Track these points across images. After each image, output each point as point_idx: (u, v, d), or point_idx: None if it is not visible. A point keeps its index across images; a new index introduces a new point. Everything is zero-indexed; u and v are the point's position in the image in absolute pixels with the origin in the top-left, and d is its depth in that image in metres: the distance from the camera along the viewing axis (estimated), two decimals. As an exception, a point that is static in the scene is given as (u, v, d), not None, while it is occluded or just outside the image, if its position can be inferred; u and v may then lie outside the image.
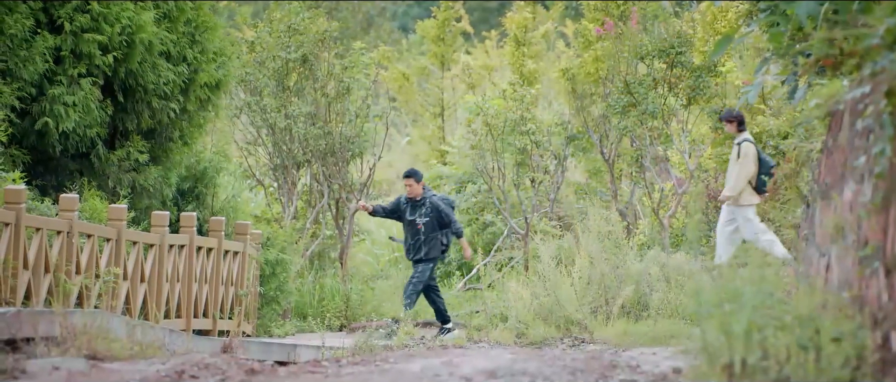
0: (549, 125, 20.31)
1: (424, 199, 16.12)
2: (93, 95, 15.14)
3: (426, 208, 16.07)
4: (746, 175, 15.54)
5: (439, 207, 16.07)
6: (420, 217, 16.07)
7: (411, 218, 16.09)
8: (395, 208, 16.30)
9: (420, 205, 16.09)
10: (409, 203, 16.16)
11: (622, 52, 18.88)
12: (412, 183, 16.10)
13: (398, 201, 16.37)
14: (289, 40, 19.58)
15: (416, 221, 16.08)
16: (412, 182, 16.11)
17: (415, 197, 16.11)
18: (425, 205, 16.08)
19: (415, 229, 16.07)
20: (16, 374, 6.58)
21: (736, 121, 15.81)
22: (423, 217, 16.06)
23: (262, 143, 20.04)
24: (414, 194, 16.11)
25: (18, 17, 14.53)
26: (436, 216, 16.07)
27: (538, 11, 28.66)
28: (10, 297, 11.39)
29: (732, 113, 15.90)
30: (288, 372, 7.89)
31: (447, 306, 19.54)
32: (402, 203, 16.25)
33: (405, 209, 16.18)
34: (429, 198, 16.14)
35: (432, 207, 16.06)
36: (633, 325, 13.97)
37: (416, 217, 16.07)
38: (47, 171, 15.53)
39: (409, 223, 16.11)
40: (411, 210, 16.12)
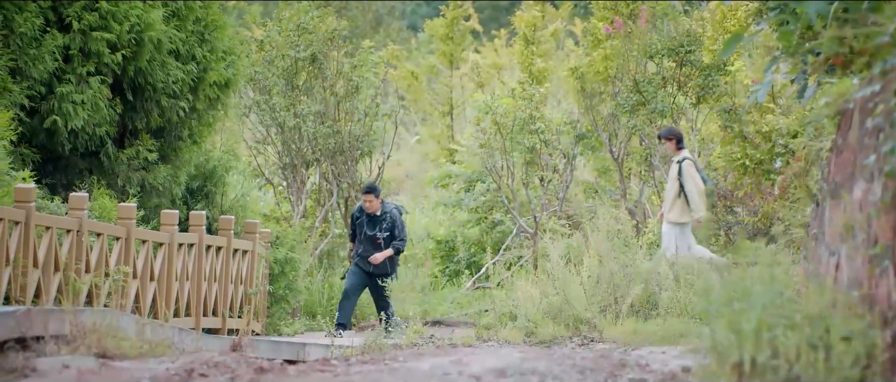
0: (558, 124, 20.30)
1: (385, 213, 16.32)
2: (102, 94, 15.17)
3: (387, 222, 16.28)
4: (699, 191, 15.66)
5: (396, 220, 16.32)
6: (380, 232, 16.27)
7: (372, 233, 16.28)
8: (352, 223, 16.55)
9: (381, 219, 16.28)
10: (366, 217, 16.33)
11: (631, 50, 18.86)
12: (372, 198, 16.27)
13: (352, 217, 16.58)
14: (298, 39, 19.58)
15: (377, 235, 16.26)
16: (372, 198, 16.27)
17: (374, 212, 16.28)
18: (386, 219, 16.29)
19: (375, 244, 16.26)
20: (26, 372, 6.59)
21: (675, 139, 15.95)
22: (384, 232, 16.26)
23: (272, 142, 20.06)
24: (373, 209, 16.28)
25: (28, 15, 14.55)
26: (392, 229, 16.30)
27: (547, 10, 28.65)
28: (20, 295, 11.42)
29: (672, 131, 16.02)
30: (297, 371, 7.89)
31: (456, 305, 19.53)
32: (356, 217, 16.44)
33: (362, 223, 16.34)
34: (389, 212, 16.35)
35: (392, 221, 16.31)
36: (643, 324, 13.95)
37: (377, 232, 16.27)
38: (57, 169, 15.56)
39: (368, 238, 16.28)
40: (370, 224, 16.29)
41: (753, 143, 18.04)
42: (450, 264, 22.09)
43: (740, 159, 18.06)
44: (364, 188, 16.46)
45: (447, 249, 22.35)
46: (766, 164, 18.06)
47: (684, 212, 15.85)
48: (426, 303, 19.15)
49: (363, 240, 16.31)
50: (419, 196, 28.89)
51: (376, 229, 16.25)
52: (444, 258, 22.30)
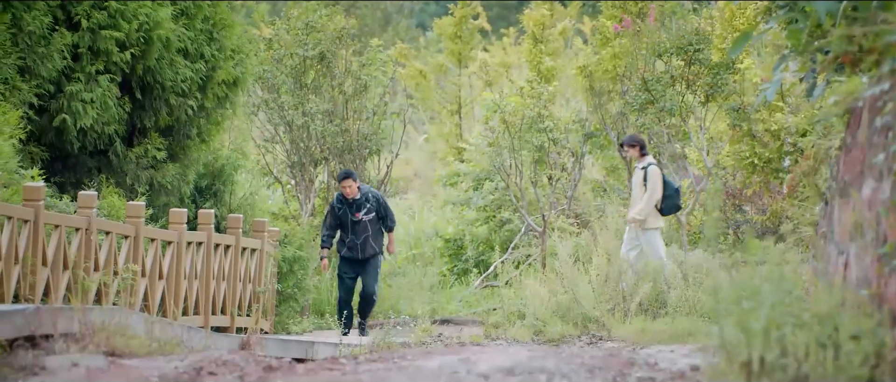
0: (566, 123, 20.29)
1: (364, 195, 15.92)
2: (111, 92, 15.19)
3: (371, 202, 15.89)
4: (655, 199, 15.70)
5: (380, 199, 15.97)
6: (365, 214, 15.87)
7: (357, 218, 15.88)
8: (334, 217, 16.03)
9: (362, 202, 15.89)
10: (346, 204, 15.94)
11: (640, 49, 18.85)
12: (351, 183, 15.85)
13: (332, 209, 16.08)
14: (306, 38, 19.59)
15: (363, 218, 15.87)
16: (351, 182, 15.86)
17: (354, 196, 15.88)
18: (368, 200, 15.90)
19: (362, 226, 15.85)
20: (36, 370, 6.60)
21: (638, 145, 15.99)
22: (369, 213, 15.87)
23: (280, 140, 20.07)
24: (353, 194, 15.87)
25: (36, 14, 14.57)
26: (377, 209, 15.91)
27: (556, 9, 28.63)
28: (29, 294, 11.43)
29: (635, 138, 16.06)
30: (306, 369, 7.90)
31: (465, 304, 19.52)
32: (338, 208, 16.00)
33: (345, 211, 15.94)
34: (368, 193, 15.94)
35: (375, 200, 15.92)
36: (651, 323, 13.95)
37: (362, 215, 15.87)
38: (66, 168, 15.58)
39: (354, 223, 15.87)
40: (353, 209, 15.89)
41: (762, 141, 18.02)
42: (458, 262, 22.09)
43: (749, 158, 18.04)
44: (341, 174, 16.02)
45: (455, 247, 22.35)
46: (775, 162, 18.04)
47: (656, 217, 15.87)
48: (434, 302, 19.16)
49: (349, 227, 15.89)
50: (427, 195, 28.89)
51: (361, 212, 15.84)
52: (453, 256, 22.30)
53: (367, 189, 15.96)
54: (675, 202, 15.87)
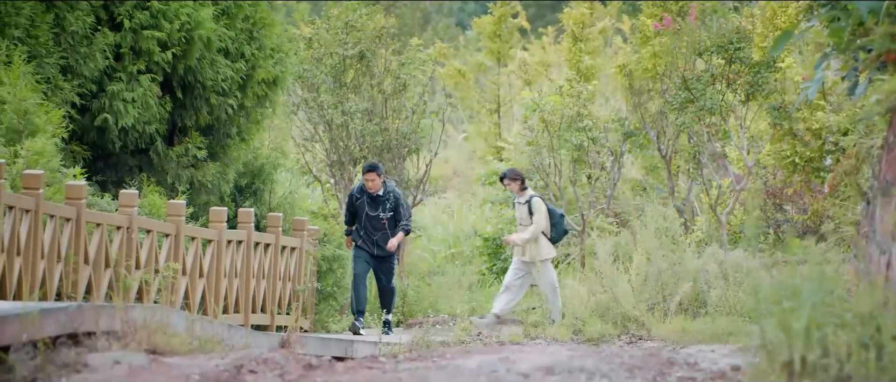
0: (605, 122, 20.24)
1: (387, 193, 15.40)
2: (152, 92, 15.28)
3: (390, 202, 15.37)
4: (541, 229, 15.77)
5: (400, 199, 15.43)
6: (384, 212, 15.36)
7: (374, 213, 15.35)
8: (351, 207, 15.53)
9: (383, 199, 15.36)
10: (367, 197, 15.38)
11: (680, 47, 18.77)
12: (375, 177, 15.28)
13: (350, 198, 15.56)
14: (346, 37, 19.63)
15: (381, 216, 15.35)
16: (375, 176, 15.28)
17: (376, 191, 15.36)
18: (389, 199, 15.38)
19: (379, 225, 15.37)
20: (78, 368, 6.65)
21: (519, 180, 15.96)
22: (388, 212, 15.38)
23: (319, 139, 20.12)
24: (375, 189, 15.33)
25: (79, 14, 14.68)
26: (395, 208, 15.40)
27: (595, 7, 28.56)
28: (71, 291, 11.52)
29: (515, 172, 16.02)
30: (345, 368, 7.91)
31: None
32: (356, 198, 15.45)
33: (363, 204, 15.40)
34: (392, 191, 15.42)
35: (396, 200, 15.40)
36: (691, 322, 13.90)
37: (380, 212, 15.35)
38: (107, 167, 15.68)
39: (371, 219, 15.36)
40: (372, 205, 15.36)
41: (803, 140, 17.91)
42: (497, 261, 22.07)
43: (790, 157, 17.94)
44: (366, 166, 15.45)
45: (494, 246, 22.33)
46: (816, 161, 17.93)
47: (549, 247, 15.92)
48: (473, 301, 19.15)
49: (365, 222, 15.39)
50: (466, 194, 28.89)
51: (379, 209, 15.31)
52: (492, 255, 22.29)
53: (391, 187, 15.47)
54: (563, 228, 16.01)
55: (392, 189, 15.43)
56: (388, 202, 15.37)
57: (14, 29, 14.00)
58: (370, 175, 15.28)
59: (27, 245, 10.97)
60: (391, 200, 15.37)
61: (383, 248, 15.33)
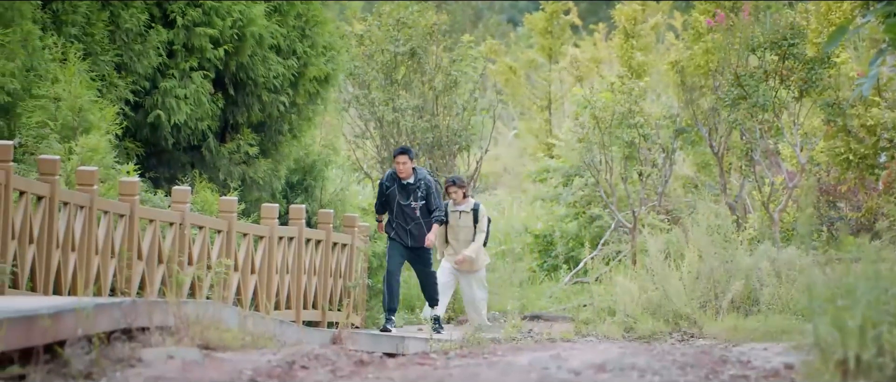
0: (657, 118, 20.15)
1: (419, 180, 14.69)
2: (204, 89, 15.37)
3: (421, 190, 14.67)
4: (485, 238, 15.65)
5: (431, 187, 14.71)
6: (415, 201, 14.69)
7: (406, 202, 14.69)
8: (382, 196, 14.88)
9: (414, 187, 14.67)
10: (397, 185, 14.69)
11: (733, 44, 18.65)
12: (406, 160, 14.57)
13: (381, 187, 14.91)
14: (398, 34, 19.67)
15: (412, 205, 14.68)
16: (407, 159, 14.58)
17: (407, 177, 14.67)
18: (419, 187, 14.68)
19: (411, 214, 14.70)
20: (133, 363, 6.70)
21: (465, 187, 15.65)
22: (419, 201, 14.70)
23: (370, 136, 20.17)
24: (407, 175, 14.64)
25: (133, 11, 14.79)
26: (426, 196, 14.72)
27: (648, 3, 28.42)
28: (125, 287, 11.61)
29: (462, 180, 15.69)
30: (397, 364, 7.93)
31: (555, 300, 19.47)
32: (386, 186, 14.77)
33: (394, 192, 14.72)
34: (423, 179, 14.71)
35: (427, 188, 14.69)
36: (743, 320, 13.82)
37: (411, 201, 14.69)
38: (160, 163, 15.80)
39: (403, 208, 14.69)
40: (403, 194, 14.69)
41: (857, 137, 17.75)
42: (548, 258, 22.03)
43: (844, 154, 17.78)
44: (397, 149, 14.80)
45: (545, 243, 22.30)
46: (871, 158, 17.76)
47: (487, 253, 15.85)
48: (524, 297, 19.13)
49: (397, 212, 14.70)
50: (517, 191, 28.86)
51: (411, 198, 14.64)
52: (542, 252, 22.25)
53: (423, 174, 14.76)
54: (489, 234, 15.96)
55: (423, 176, 14.77)
56: (419, 190, 14.71)
57: (70, 27, 14.13)
58: (402, 158, 14.62)
59: (82, 241, 11.07)
60: (422, 187, 14.71)
61: (417, 238, 14.78)
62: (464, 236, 15.59)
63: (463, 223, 15.59)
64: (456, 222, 15.61)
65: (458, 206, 15.59)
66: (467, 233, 15.59)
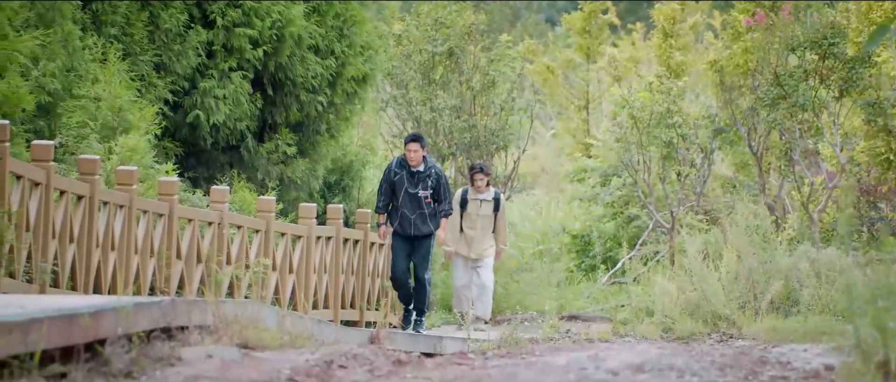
0: (695, 118, 20.08)
1: (429, 169, 14.07)
2: (243, 89, 15.43)
3: (432, 179, 14.05)
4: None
5: (441, 178, 14.14)
6: (425, 190, 14.02)
7: (414, 191, 14.02)
8: (388, 183, 14.17)
9: (424, 176, 14.02)
10: (407, 173, 14.03)
11: (773, 43, 18.55)
12: (418, 148, 13.92)
13: (388, 174, 14.17)
14: (435, 34, 19.68)
15: (421, 194, 14.02)
16: (418, 147, 13.93)
17: (416, 165, 14.03)
18: (430, 175, 14.05)
19: (419, 203, 14.05)
20: (172, 361, 6.73)
21: (490, 175, 15.48)
22: (429, 190, 14.04)
23: (408, 136, 20.19)
24: (417, 162, 13.99)
25: (173, 11, 14.87)
26: (436, 187, 14.08)
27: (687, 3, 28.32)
28: (164, 286, 11.67)
29: (486, 166, 15.54)
30: (435, 364, 7.93)
31: (593, 300, 19.43)
32: (394, 174, 14.09)
33: (402, 180, 14.07)
34: (433, 168, 14.13)
35: (437, 178, 14.09)
36: (783, 321, 13.75)
37: (420, 190, 14.02)
38: (199, 163, 15.87)
39: (410, 197, 14.02)
40: (412, 182, 14.03)
41: (898, 137, 17.63)
42: (585, 258, 21.99)
43: (884, 154, 17.65)
44: (409, 136, 14.16)
45: (583, 243, 22.26)
46: (912, 159, 17.64)
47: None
48: (562, 298, 19.11)
49: (403, 200, 14.03)
50: (554, 190, 28.82)
51: (419, 186, 13.99)
52: (580, 252, 22.22)
53: (432, 163, 14.15)
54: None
55: (433, 165, 14.18)
56: (430, 179, 14.08)
57: (110, 27, 14.21)
58: (413, 145, 13.97)
59: (121, 240, 11.13)
60: (433, 176, 14.09)
61: (420, 228, 14.09)
62: (482, 225, 15.46)
63: (483, 212, 15.47)
64: (476, 211, 15.44)
65: (479, 194, 15.45)
66: (486, 222, 15.47)
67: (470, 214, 15.42)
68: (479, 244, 15.56)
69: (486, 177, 15.42)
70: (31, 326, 5.90)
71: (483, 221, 15.45)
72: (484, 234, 15.48)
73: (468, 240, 15.50)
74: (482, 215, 15.43)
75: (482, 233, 15.46)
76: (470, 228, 15.44)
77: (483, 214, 15.43)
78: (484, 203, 15.44)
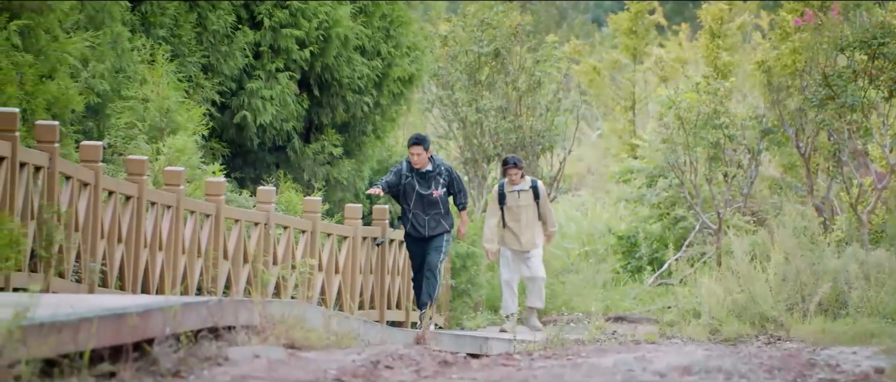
0: (743, 119, 19.98)
1: (437, 167, 13.81)
2: (289, 90, 15.49)
3: (442, 176, 13.76)
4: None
5: (453, 173, 13.90)
6: (437, 188, 13.72)
7: (426, 191, 13.72)
8: (397, 182, 13.82)
9: (433, 174, 13.75)
10: (415, 174, 13.74)
11: (821, 43, 18.42)
12: (421, 151, 13.62)
13: (399, 172, 13.84)
14: (481, 34, 19.68)
15: (433, 194, 13.72)
16: (421, 150, 13.62)
17: (422, 167, 13.73)
18: (440, 173, 13.78)
19: (431, 202, 13.73)
20: (219, 361, 6.76)
21: (523, 167, 15.24)
22: (441, 187, 13.76)
23: (453, 136, 20.20)
24: (422, 164, 13.71)
25: (221, 13, 14.95)
26: (449, 183, 13.83)
27: (734, 2, 28.16)
28: (211, 286, 11.73)
29: (518, 159, 15.26)
30: (480, 365, 7.92)
31: (639, 301, 19.36)
32: (406, 176, 13.78)
33: (412, 182, 13.75)
34: (441, 165, 13.87)
35: (447, 173, 13.83)
36: (832, 323, 13.64)
37: (433, 188, 13.72)
38: (245, 163, 15.95)
39: (422, 197, 13.71)
40: (423, 183, 13.73)
41: (949, 138, 17.47)
42: (631, 260, 21.92)
43: (935, 155, 17.49)
44: (412, 139, 13.82)
45: (628, 244, 22.19)
46: (962, 160, 17.47)
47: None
48: (608, 299, 19.05)
49: (415, 202, 13.72)
50: (600, 191, 28.75)
51: (431, 185, 13.72)
52: (626, 253, 22.15)
53: (439, 161, 13.91)
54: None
55: (440, 162, 13.92)
56: (441, 176, 13.81)
57: (159, 29, 14.31)
58: (416, 148, 13.65)
59: (169, 240, 11.20)
60: (443, 173, 13.83)
61: (435, 227, 13.81)
62: (525, 215, 15.21)
63: (523, 202, 15.23)
64: (515, 203, 15.22)
65: (515, 186, 15.23)
66: (530, 211, 15.22)
67: (510, 207, 15.24)
68: (527, 234, 15.38)
69: (519, 170, 15.21)
70: (80, 325, 5.94)
71: (525, 211, 15.27)
72: (529, 224, 15.32)
73: (515, 233, 15.36)
74: (523, 206, 15.24)
75: (527, 223, 15.31)
76: (513, 221, 15.29)
77: (523, 204, 15.25)
78: (522, 193, 15.26)
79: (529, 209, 15.27)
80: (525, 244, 15.34)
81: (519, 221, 15.26)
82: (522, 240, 15.32)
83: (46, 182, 9.64)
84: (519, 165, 15.28)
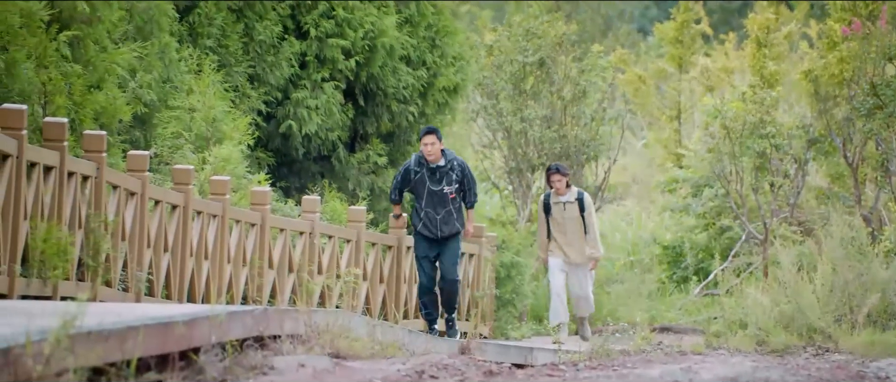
0: (789, 128, 19.86)
1: (450, 162, 13.02)
2: (335, 99, 15.54)
3: (455, 172, 13.01)
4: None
5: (466, 170, 13.15)
6: (449, 185, 12.98)
7: (437, 188, 12.97)
8: (405, 181, 13.11)
9: (446, 170, 12.97)
10: (426, 170, 12.98)
11: (869, 52, 18.29)
12: (434, 141, 12.84)
13: (406, 170, 13.09)
14: (527, 44, 19.67)
15: (445, 190, 12.96)
16: (434, 139, 12.85)
17: (435, 160, 12.96)
18: (453, 169, 13.02)
19: (444, 200, 12.97)
20: (265, 370, 6.78)
21: (568, 175, 14.90)
22: (454, 184, 13.01)
23: (498, 146, 20.19)
24: (435, 158, 12.93)
25: (268, 23, 15.03)
26: (462, 180, 13.09)
27: (781, 11, 28.01)
28: (256, 295, 11.77)
29: (563, 167, 14.90)
30: (526, 375, 7.90)
31: (684, 312, 19.26)
32: (415, 172, 13.03)
33: (422, 178, 13.00)
34: (454, 160, 13.09)
35: (460, 169, 13.06)
36: (881, 335, 13.52)
37: (444, 185, 12.97)
38: (291, 173, 16.01)
39: (434, 194, 12.98)
40: (434, 179, 12.98)
41: None
42: (677, 270, 21.82)
43: (984, 165, 17.32)
44: (424, 129, 13.17)
45: (674, 254, 22.08)
46: None
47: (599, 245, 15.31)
48: (653, 309, 18.97)
49: (426, 200, 12.98)
50: (645, 201, 28.64)
51: (443, 182, 12.95)
52: (671, 263, 22.04)
53: (452, 156, 13.12)
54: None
55: (453, 157, 13.16)
56: (453, 173, 13.05)
57: (206, 39, 14.39)
58: (429, 138, 12.87)
59: (214, 249, 11.25)
60: (456, 169, 13.06)
61: (448, 227, 13.10)
62: (572, 228, 14.96)
63: (569, 215, 14.95)
64: (560, 215, 14.92)
65: (560, 197, 14.92)
66: (575, 225, 14.98)
67: (556, 219, 14.99)
68: (576, 249, 15.19)
69: (564, 178, 14.89)
70: (127, 334, 5.97)
71: (571, 224, 15.05)
72: (576, 237, 15.14)
73: (562, 247, 15.23)
74: (569, 218, 15.00)
75: (574, 237, 15.13)
76: (560, 233, 15.11)
77: (569, 217, 15.00)
78: (568, 205, 14.99)
79: (575, 222, 15.10)
80: (574, 258, 15.22)
81: (565, 234, 15.10)
82: (571, 255, 15.18)
83: (94, 192, 9.71)
84: (562, 171, 15.08)
